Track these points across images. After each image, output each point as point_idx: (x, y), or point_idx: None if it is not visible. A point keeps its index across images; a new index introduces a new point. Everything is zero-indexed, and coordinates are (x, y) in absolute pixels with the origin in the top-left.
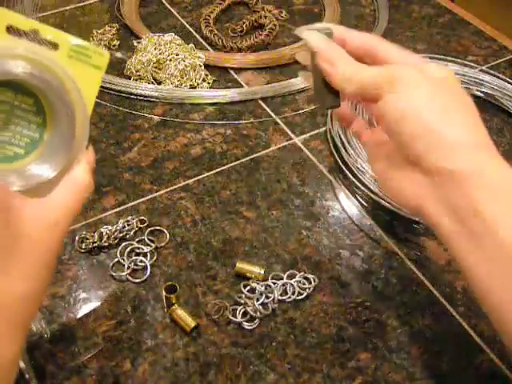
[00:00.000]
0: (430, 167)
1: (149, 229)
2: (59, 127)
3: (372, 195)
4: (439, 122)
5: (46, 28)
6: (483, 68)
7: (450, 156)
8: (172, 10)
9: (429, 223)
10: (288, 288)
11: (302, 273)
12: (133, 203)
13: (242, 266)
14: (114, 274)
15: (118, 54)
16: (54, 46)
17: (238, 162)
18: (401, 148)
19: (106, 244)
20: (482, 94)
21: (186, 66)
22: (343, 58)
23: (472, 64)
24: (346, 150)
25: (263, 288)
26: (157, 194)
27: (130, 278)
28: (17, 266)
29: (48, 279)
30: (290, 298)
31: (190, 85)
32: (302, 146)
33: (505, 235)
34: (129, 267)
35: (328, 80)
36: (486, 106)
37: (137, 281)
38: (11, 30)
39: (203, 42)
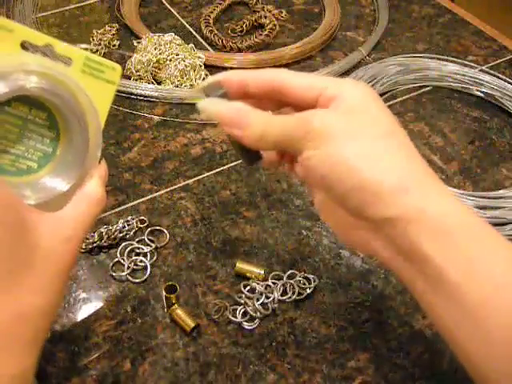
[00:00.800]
0: (369, 218)
1: (149, 229)
2: (72, 141)
3: None
4: (370, 171)
5: (60, 43)
6: (483, 68)
7: (389, 204)
8: (172, 10)
9: (389, 268)
10: (288, 288)
11: (302, 273)
12: (133, 203)
13: (242, 266)
14: (114, 274)
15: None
16: (68, 60)
17: (238, 162)
18: (335, 201)
19: (106, 244)
20: (482, 94)
21: (185, 66)
22: (247, 116)
23: (472, 64)
24: None
25: (263, 288)
26: (157, 194)
27: (130, 277)
28: (32, 280)
29: (62, 292)
30: (290, 298)
31: (190, 85)
32: None
33: (456, 280)
34: (129, 267)
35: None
36: (486, 106)
37: (137, 281)
38: (25, 45)
39: (203, 42)
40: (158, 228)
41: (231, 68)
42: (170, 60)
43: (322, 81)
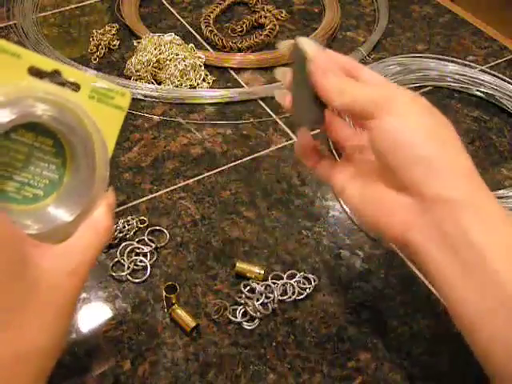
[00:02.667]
0: (425, 193)
1: (149, 229)
2: (79, 169)
3: None
4: (437, 150)
5: (68, 69)
6: (483, 68)
7: (448, 184)
8: (172, 10)
9: (412, 251)
10: (288, 288)
11: (302, 273)
12: (133, 203)
13: (241, 266)
14: (114, 274)
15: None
16: (76, 86)
17: (238, 162)
18: (392, 171)
19: (106, 244)
20: (482, 94)
21: (185, 65)
22: (336, 70)
23: (472, 64)
24: None
25: (263, 288)
26: (157, 194)
27: (130, 277)
28: (32, 317)
29: (67, 328)
30: (290, 298)
31: (190, 85)
32: None
33: (498, 268)
34: (129, 267)
35: (316, 92)
36: (486, 106)
37: (137, 281)
38: (33, 70)
39: (203, 42)
40: (157, 228)
41: (231, 68)
42: (170, 60)
43: (393, 85)
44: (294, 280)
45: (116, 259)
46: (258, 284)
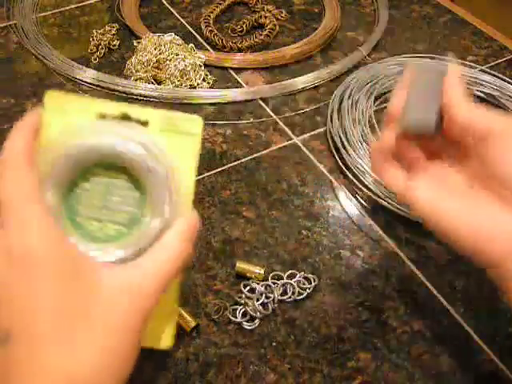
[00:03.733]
0: None
1: None
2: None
3: (372, 195)
4: None
5: (135, 108)
6: (483, 68)
7: None
8: (172, 10)
9: (496, 265)
10: (288, 288)
11: (302, 273)
12: None
13: (241, 265)
14: None
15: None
16: (145, 123)
17: (238, 162)
18: (502, 183)
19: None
20: (482, 94)
21: (185, 65)
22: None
23: (472, 64)
24: (346, 150)
25: (263, 288)
26: None
27: None
28: (88, 333)
29: (130, 354)
30: (290, 298)
31: (190, 85)
32: (302, 146)
33: None
34: None
35: (443, 101)
36: (486, 106)
37: None
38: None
39: (203, 42)
40: None
41: (231, 68)
42: (170, 60)
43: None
44: (294, 280)
45: None
46: (258, 284)
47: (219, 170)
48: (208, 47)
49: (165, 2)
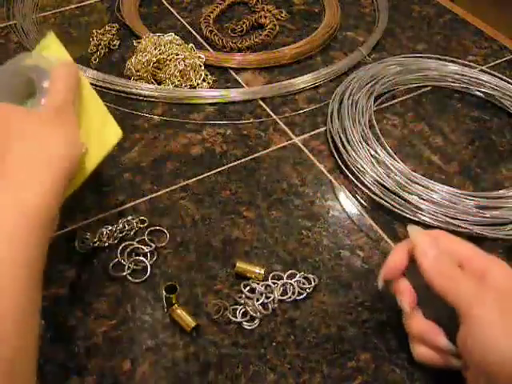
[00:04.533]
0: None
1: (149, 229)
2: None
3: (372, 195)
4: None
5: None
6: (483, 68)
7: None
8: (172, 10)
9: None
10: (288, 288)
11: (302, 273)
12: (133, 203)
13: (241, 266)
14: (114, 274)
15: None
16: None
17: (238, 162)
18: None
19: (106, 244)
20: (482, 94)
21: (185, 66)
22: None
23: (472, 64)
24: (346, 150)
25: (263, 288)
26: (157, 194)
27: (130, 277)
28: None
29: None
30: (290, 298)
31: (190, 85)
32: (302, 146)
33: None
34: (129, 267)
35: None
36: (486, 106)
37: (137, 281)
38: None
39: (203, 42)
40: (158, 228)
41: (231, 68)
42: (170, 60)
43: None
44: (294, 280)
45: (116, 259)
46: (258, 284)
47: (219, 169)
48: (208, 47)
49: (165, 2)
